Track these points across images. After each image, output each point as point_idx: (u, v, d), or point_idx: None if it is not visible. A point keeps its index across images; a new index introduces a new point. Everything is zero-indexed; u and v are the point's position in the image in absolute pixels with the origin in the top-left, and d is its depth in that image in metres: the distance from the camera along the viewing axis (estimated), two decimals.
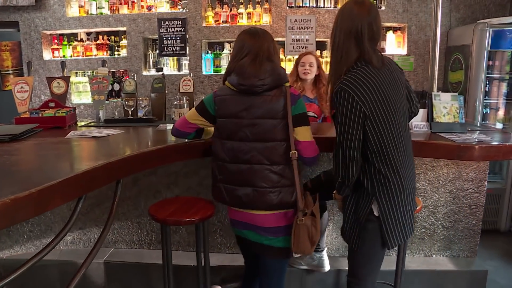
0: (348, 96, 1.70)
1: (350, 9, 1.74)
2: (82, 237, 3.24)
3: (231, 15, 4.77)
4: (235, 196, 2.05)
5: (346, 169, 1.78)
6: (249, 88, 1.97)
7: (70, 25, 4.95)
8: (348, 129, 1.73)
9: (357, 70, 1.75)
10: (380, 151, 1.78)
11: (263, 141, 1.98)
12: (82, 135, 2.65)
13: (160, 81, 3.39)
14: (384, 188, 1.81)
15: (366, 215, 1.85)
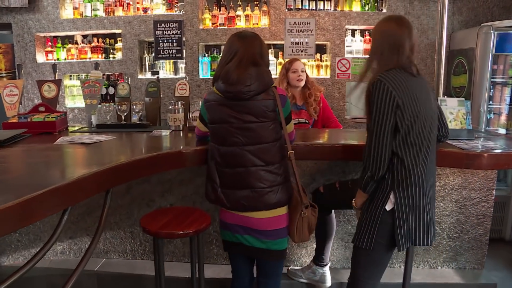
0: (384, 86, 1.80)
1: (392, 27, 1.89)
2: (73, 247, 3.11)
3: (228, 17, 4.65)
4: (235, 200, 2.05)
5: (378, 159, 1.83)
6: (236, 95, 1.99)
7: (64, 27, 4.84)
8: (382, 117, 1.81)
9: (394, 71, 1.86)
10: (407, 143, 1.84)
11: (255, 143, 2.01)
12: (72, 142, 2.53)
13: (154, 85, 3.27)
14: (404, 181, 1.85)
15: (380, 209, 1.87)
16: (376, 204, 1.89)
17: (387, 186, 1.87)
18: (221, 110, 2.04)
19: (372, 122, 1.84)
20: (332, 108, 4.66)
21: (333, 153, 2.41)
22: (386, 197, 1.87)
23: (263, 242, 2.05)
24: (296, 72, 3.34)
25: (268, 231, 2.04)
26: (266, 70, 2.05)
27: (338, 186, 2.41)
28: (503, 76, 3.93)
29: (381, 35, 1.93)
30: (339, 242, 2.85)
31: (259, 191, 2.00)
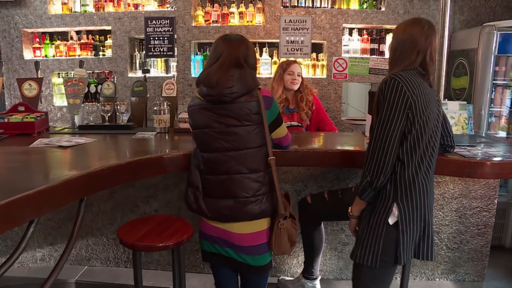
0: (398, 85, 1.68)
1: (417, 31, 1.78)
2: (53, 253, 2.96)
3: (222, 14, 4.50)
4: (217, 209, 1.92)
5: (381, 164, 1.68)
6: (217, 98, 1.86)
7: (52, 23, 4.67)
8: (392, 116, 1.67)
9: (410, 72, 1.75)
10: (414, 149, 1.71)
11: (239, 149, 1.88)
12: (49, 144, 2.38)
13: (140, 84, 3.12)
14: (408, 191, 1.72)
15: (383, 223, 1.72)
16: (378, 218, 1.74)
17: (389, 197, 1.72)
18: (203, 115, 1.91)
19: (380, 122, 1.69)
20: (328, 110, 4.52)
21: (326, 160, 2.26)
22: (389, 209, 1.72)
23: (242, 258, 1.93)
24: (292, 75, 3.21)
25: (248, 247, 1.91)
26: (250, 72, 1.92)
27: (327, 196, 2.25)
28: (504, 78, 3.79)
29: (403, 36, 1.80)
30: (332, 252, 2.71)
31: (243, 200, 1.87)
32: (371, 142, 1.72)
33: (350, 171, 2.57)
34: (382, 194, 1.74)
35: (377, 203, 1.75)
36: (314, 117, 3.30)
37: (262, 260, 1.94)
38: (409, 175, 1.71)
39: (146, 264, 2.91)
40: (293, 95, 3.29)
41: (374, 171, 1.69)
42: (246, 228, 1.89)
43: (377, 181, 1.69)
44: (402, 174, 1.71)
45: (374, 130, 1.72)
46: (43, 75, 4.72)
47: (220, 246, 1.97)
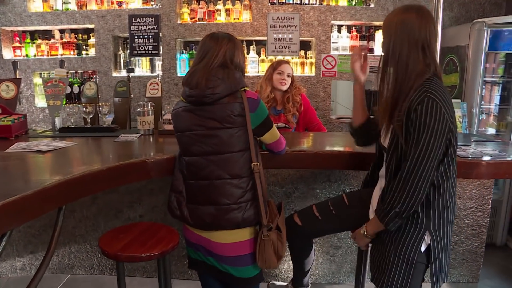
0: (436, 107, 1.48)
1: (413, 19, 1.56)
2: (34, 262, 2.84)
3: (208, 11, 4.39)
4: (198, 217, 1.82)
5: (416, 194, 1.51)
6: (198, 98, 1.77)
7: (32, 21, 4.52)
8: (433, 144, 1.48)
9: (433, 81, 1.55)
10: (447, 176, 1.57)
11: (220, 153, 1.79)
12: (26, 149, 2.26)
13: (124, 84, 3.00)
14: (441, 218, 1.59)
15: (415, 252, 1.58)
16: (407, 246, 1.59)
17: (421, 225, 1.58)
18: (184, 117, 1.83)
19: (419, 148, 1.49)
20: (317, 108, 4.44)
21: (317, 162, 2.17)
22: (421, 238, 1.57)
23: (224, 268, 1.84)
24: (281, 75, 3.12)
25: (229, 257, 1.82)
26: (236, 72, 1.82)
27: (318, 214, 2.00)
28: (493, 75, 3.75)
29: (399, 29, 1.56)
30: (323, 256, 2.63)
31: (224, 208, 1.78)
32: (404, 171, 1.52)
33: (341, 172, 2.50)
34: (413, 221, 1.59)
35: (405, 230, 1.60)
36: (302, 118, 3.21)
37: (247, 272, 1.84)
38: (443, 200, 1.58)
39: (132, 271, 2.81)
40: (281, 95, 3.20)
41: (405, 203, 1.52)
42: (227, 238, 1.80)
43: (408, 212, 1.54)
44: (436, 199, 1.57)
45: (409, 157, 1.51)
46: (24, 75, 4.57)
47: (202, 254, 1.89)
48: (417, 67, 1.56)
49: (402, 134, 1.55)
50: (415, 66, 1.56)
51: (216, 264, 1.87)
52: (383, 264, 1.66)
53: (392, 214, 1.56)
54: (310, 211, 2.05)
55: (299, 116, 3.21)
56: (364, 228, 1.73)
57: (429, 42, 1.56)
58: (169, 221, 2.58)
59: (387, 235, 1.65)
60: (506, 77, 3.75)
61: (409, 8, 1.60)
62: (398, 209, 1.54)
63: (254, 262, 1.84)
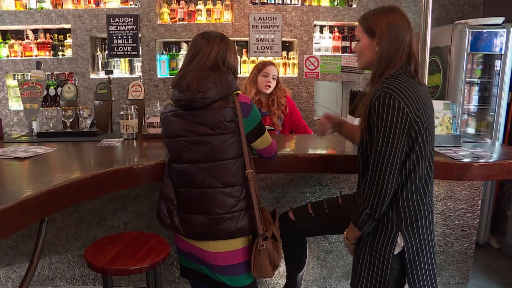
0: (394, 101, 1.46)
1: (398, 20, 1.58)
2: (11, 275, 2.69)
3: (188, 12, 4.29)
4: (190, 226, 1.75)
5: (383, 193, 1.49)
6: (188, 103, 1.69)
7: (4, 20, 4.32)
8: (392, 139, 1.47)
9: (398, 77, 1.54)
10: (416, 173, 1.53)
11: (211, 160, 1.71)
12: (3, 156, 2.13)
13: (104, 87, 2.89)
14: (414, 217, 1.55)
15: (388, 255, 1.55)
16: (380, 249, 1.56)
17: (392, 226, 1.54)
18: (174, 122, 1.74)
19: (380, 144, 1.48)
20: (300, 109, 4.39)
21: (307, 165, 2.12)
22: (393, 240, 1.54)
23: (217, 277, 1.78)
24: (266, 77, 3.05)
25: (222, 266, 1.76)
26: (229, 75, 1.74)
27: (312, 212, 2.02)
28: (471, 75, 3.80)
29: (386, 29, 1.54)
30: (314, 261, 2.59)
31: (217, 217, 1.71)
32: (369, 172, 1.52)
33: (332, 175, 2.46)
34: (384, 223, 1.56)
35: (377, 231, 1.58)
36: (288, 120, 3.16)
37: (241, 281, 1.78)
38: (413, 199, 1.54)
39: (116, 281, 2.69)
40: (266, 98, 3.14)
41: (375, 202, 1.50)
42: (219, 247, 1.73)
43: (379, 212, 1.52)
44: (405, 198, 1.53)
45: (372, 156, 1.51)
46: None
47: (194, 262, 1.82)
48: (397, 64, 1.55)
49: (366, 132, 1.55)
50: (396, 62, 1.55)
51: (209, 273, 1.80)
52: (359, 270, 1.64)
53: (364, 216, 1.54)
54: (304, 208, 2.07)
55: (284, 118, 3.16)
56: (345, 234, 1.70)
57: (411, 42, 1.57)
58: (155, 229, 2.49)
59: (361, 239, 1.63)
60: (487, 78, 3.80)
61: (391, 9, 1.61)
62: (368, 210, 1.52)
63: (247, 271, 1.78)
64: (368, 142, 1.57)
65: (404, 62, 1.57)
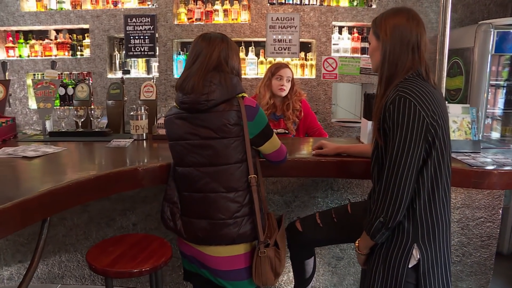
0: (409, 105, 1.40)
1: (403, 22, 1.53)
2: (23, 272, 2.72)
3: (205, 12, 4.27)
4: (192, 230, 1.72)
5: (398, 202, 1.41)
6: (191, 105, 1.65)
7: (25, 21, 4.40)
8: (409, 144, 1.40)
9: (412, 79, 1.49)
10: (435, 181, 1.46)
11: (215, 165, 1.68)
12: (12, 155, 2.14)
13: (117, 87, 2.89)
14: (431, 228, 1.47)
15: (403, 268, 1.46)
16: (394, 261, 1.48)
17: (408, 237, 1.46)
18: (178, 125, 1.71)
19: (393, 153, 1.41)
20: (318, 112, 4.33)
21: (318, 170, 2.06)
22: (408, 252, 1.45)
23: (219, 282, 1.74)
24: (280, 80, 2.97)
25: (224, 271, 1.71)
26: (232, 77, 1.69)
27: (320, 222, 1.95)
28: (497, 78, 3.65)
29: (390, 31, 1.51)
30: (325, 267, 2.52)
31: (219, 223, 1.67)
32: (384, 178, 1.44)
33: (344, 180, 2.38)
34: (398, 233, 1.49)
35: (391, 242, 1.50)
36: (302, 123, 3.08)
37: (243, 287, 1.73)
38: (431, 209, 1.45)
39: (125, 282, 2.69)
40: (281, 102, 3.06)
41: (389, 211, 1.42)
42: (221, 251, 1.69)
43: (393, 222, 1.44)
44: (423, 208, 1.45)
45: (387, 162, 1.44)
46: (17, 76, 4.46)
47: (197, 266, 1.79)
48: (405, 67, 1.51)
49: (380, 137, 1.49)
50: (403, 65, 1.51)
51: (211, 277, 1.77)
52: (371, 282, 1.55)
53: (377, 225, 1.46)
54: (312, 218, 2.00)
55: (299, 122, 3.09)
56: (356, 244, 1.63)
57: (419, 44, 1.52)
58: (163, 230, 2.44)
59: (375, 250, 1.55)
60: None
61: (398, 11, 1.57)
62: (382, 218, 1.44)
63: (250, 276, 1.73)
64: (383, 148, 1.50)
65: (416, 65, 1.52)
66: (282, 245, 1.77)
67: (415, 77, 1.50)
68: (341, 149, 2.07)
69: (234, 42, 1.78)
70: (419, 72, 1.52)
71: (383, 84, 1.55)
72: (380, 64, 1.56)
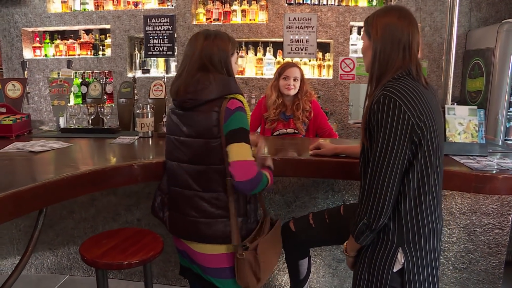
0: (394, 104, 1.37)
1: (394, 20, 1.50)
2: (34, 261, 2.82)
3: (224, 12, 4.31)
4: (174, 224, 1.79)
5: (381, 203, 1.39)
6: (179, 103, 1.69)
7: (51, 21, 4.57)
8: (392, 145, 1.37)
9: (400, 79, 1.45)
10: (421, 184, 1.42)
11: (194, 163, 1.68)
12: (21, 149, 2.22)
13: (128, 85, 2.95)
14: (417, 232, 1.43)
15: (387, 271, 1.44)
16: (379, 265, 1.45)
17: (393, 241, 1.43)
18: (171, 120, 1.77)
19: (379, 149, 1.38)
20: (334, 112, 4.29)
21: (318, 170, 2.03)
22: (393, 256, 1.43)
23: (209, 279, 1.76)
24: (287, 80, 2.95)
25: (211, 268, 1.72)
26: (221, 77, 1.68)
27: (312, 222, 1.93)
28: None
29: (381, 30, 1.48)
30: (325, 269, 2.48)
31: (191, 220, 1.70)
32: (368, 179, 1.42)
33: (345, 182, 2.35)
34: (383, 237, 1.46)
35: (377, 246, 1.47)
36: (312, 124, 3.05)
37: (231, 286, 1.73)
38: (417, 213, 1.41)
39: (129, 275, 2.75)
40: (291, 101, 3.04)
41: (373, 212, 1.39)
42: (206, 248, 1.70)
43: (376, 223, 1.41)
44: (408, 211, 1.42)
45: (370, 162, 1.41)
46: (43, 74, 4.64)
47: (188, 261, 1.82)
48: (395, 65, 1.47)
49: (366, 137, 1.46)
50: (393, 64, 1.47)
51: (201, 273, 1.78)
52: (357, 286, 1.53)
53: (361, 226, 1.43)
54: (305, 218, 1.99)
55: (308, 122, 3.06)
56: (344, 246, 1.61)
57: (411, 43, 1.48)
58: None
59: (360, 253, 1.52)
60: None
61: (390, 10, 1.53)
62: (366, 220, 1.41)
63: (234, 276, 1.72)
64: (369, 149, 1.48)
65: (407, 64, 1.48)
66: (264, 250, 1.72)
67: (404, 77, 1.46)
68: (339, 149, 2.05)
69: (225, 38, 1.72)
70: (409, 72, 1.48)
71: (373, 83, 1.52)
72: (371, 63, 1.53)
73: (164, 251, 2.45)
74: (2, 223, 1.56)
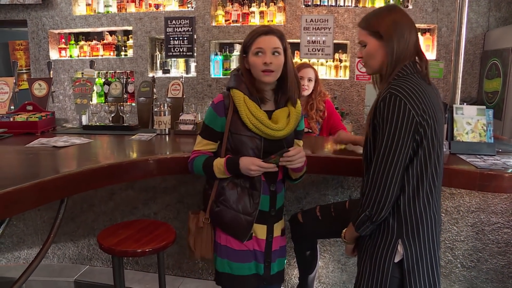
0: (399, 103, 1.41)
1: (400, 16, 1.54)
2: (56, 251, 2.97)
3: (242, 14, 4.41)
4: None
5: (384, 197, 1.44)
6: None
7: (76, 24, 4.76)
8: (397, 142, 1.42)
9: (406, 77, 1.49)
10: (420, 179, 1.47)
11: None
12: (45, 144, 2.36)
13: (147, 85, 3.07)
14: (415, 225, 1.48)
15: (388, 262, 1.49)
16: (380, 255, 1.50)
17: (392, 233, 1.49)
18: None
19: (383, 145, 1.43)
20: (350, 113, 4.33)
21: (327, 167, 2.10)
22: (393, 248, 1.48)
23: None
24: (302, 80, 3.01)
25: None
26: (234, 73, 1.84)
27: (319, 214, 2.01)
28: None
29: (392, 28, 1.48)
30: (334, 264, 2.54)
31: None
32: (371, 173, 1.46)
33: (354, 179, 2.40)
34: (384, 229, 1.51)
35: (377, 238, 1.52)
36: (325, 123, 3.10)
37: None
38: (415, 207, 1.47)
39: (145, 267, 2.86)
40: (305, 101, 3.10)
41: (375, 206, 1.45)
42: None
43: (378, 216, 1.46)
44: (407, 205, 1.47)
45: (374, 156, 1.46)
46: (67, 74, 4.83)
47: None
48: (405, 61, 1.50)
49: (370, 133, 1.50)
50: (404, 60, 1.50)
51: None
52: (360, 276, 1.58)
53: (363, 217, 1.48)
54: (313, 210, 2.07)
55: (322, 122, 3.11)
56: (343, 232, 1.67)
57: (416, 38, 1.52)
58: (181, 219, 2.62)
59: (363, 243, 1.58)
60: None
61: (391, 8, 1.57)
62: (368, 212, 1.46)
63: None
64: (372, 144, 1.53)
65: (411, 60, 1.52)
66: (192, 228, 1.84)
67: (410, 74, 1.49)
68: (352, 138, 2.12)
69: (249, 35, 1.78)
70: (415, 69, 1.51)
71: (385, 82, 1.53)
72: (386, 63, 1.53)
73: (178, 244, 2.58)
74: (27, 210, 1.68)
